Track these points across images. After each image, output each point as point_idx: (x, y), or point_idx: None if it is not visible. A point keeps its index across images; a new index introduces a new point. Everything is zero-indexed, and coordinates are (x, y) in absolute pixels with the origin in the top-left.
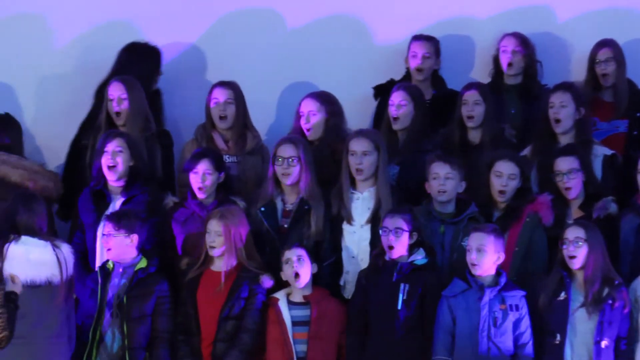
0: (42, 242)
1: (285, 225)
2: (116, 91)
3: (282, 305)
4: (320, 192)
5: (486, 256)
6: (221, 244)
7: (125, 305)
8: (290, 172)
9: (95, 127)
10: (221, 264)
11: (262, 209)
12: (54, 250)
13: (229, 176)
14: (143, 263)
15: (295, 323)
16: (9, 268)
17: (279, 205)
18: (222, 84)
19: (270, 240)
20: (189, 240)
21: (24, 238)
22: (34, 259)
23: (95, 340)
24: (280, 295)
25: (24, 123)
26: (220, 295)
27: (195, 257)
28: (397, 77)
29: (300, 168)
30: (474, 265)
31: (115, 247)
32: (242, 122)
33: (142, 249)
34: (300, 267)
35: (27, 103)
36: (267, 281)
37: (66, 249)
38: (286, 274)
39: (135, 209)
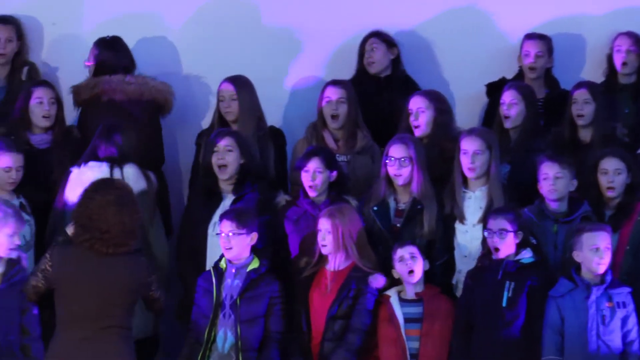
0: (98, 163)
1: (398, 225)
2: (226, 90)
3: (394, 302)
4: (433, 192)
5: (607, 255)
6: (331, 242)
7: (238, 306)
8: (403, 172)
9: (209, 126)
10: (330, 263)
11: (375, 208)
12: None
13: (342, 174)
14: (255, 263)
15: (407, 320)
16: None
17: (392, 204)
18: (335, 83)
19: (383, 239)
20: (306, 239)
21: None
22: (85, 180)
23: (210, 341)
24: (392, 292)
25: None
26: (330, 294)
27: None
28: (509, 76)
29: (412, 168)
30: (599, 265)
31: (237, 246)
32: (354, 121)
33: (253, 249)
34: (413, 265)
35: None
36: (376, 281)
37: (130, 170)
38: (399, 271)
39: (250, 207)
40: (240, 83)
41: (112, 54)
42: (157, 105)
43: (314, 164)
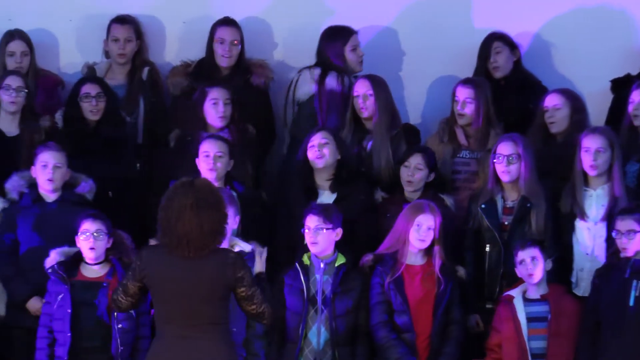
0: None
1: (506, 223)
2: (362, 88)
3: (518, 303)
4: (542, 189)
5: None
6: (430, 238)
7: (331, 301)
8: (510, 169)
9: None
10: (421, 259)
11: (483, 205)
12: None
13: (441, 176)
14: (342, 259)
15: (530, 319)
16: None
17: (499, 202)
18: (467, 82)
19: (490, 237)
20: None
21: None
22: None
23: (303, 337)
24: (516, 292)
25: None
26: (430, 290)
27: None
28: (634, 72)
29: (520, 165)
30: None
31: (323, 241)
32: (486, 118)
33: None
34: (534, 268)
35: None
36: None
37: None
38: (519, 273)
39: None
40: (377, 81)
41: None
42: None
43: (415, 160)
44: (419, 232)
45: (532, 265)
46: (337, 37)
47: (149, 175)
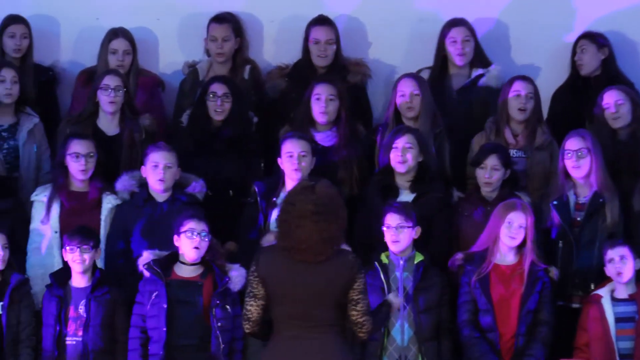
0: None
1: (578, 219)
2: (408, 87)
3: (606, 302)
4: (613, 184)
5: None
6: (521, 236)
7: (413, 298)
8: (581, 164)
9: (383, 123)
10: (512, 258)
11: (555, 202)
12: None
13: (515, 172)
14: (420, 256)
15: (618, 320)
16: None
17: (572, 198)
18: (524, 78)
19: (563, 233)
20: (466, 234)
21: None
22: None
23: (386, 335)
24: (604, 292)
25: None
26: (516, 290)
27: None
28: None
29: (590, 160)
30: None
31: (404, 239)
32: (536, 116)
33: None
34: (622, 267)
35: None
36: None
37: None
38: (608, 272)
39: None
40: (422, 80)
41: None
42: None
43: (491, 161)
44: (510, 229)
45: (621, 264)
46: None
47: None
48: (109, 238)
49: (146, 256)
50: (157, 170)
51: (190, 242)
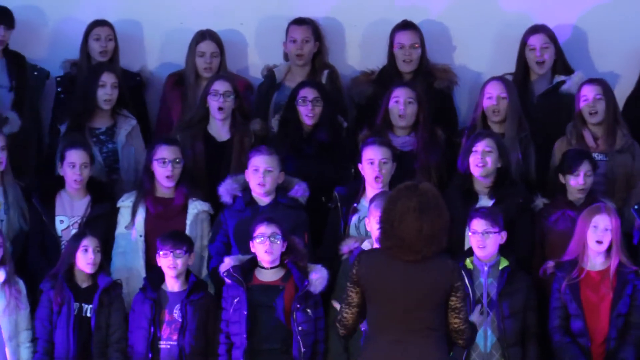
0: None
1: None
2: (495, 90)
3: None
4: None
5: None
6: (609, 240)
7: (497, 303)
8: None
9: (469, 126)
10: (602, 262)
11: (636, 207)
12: None
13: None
14: (505, 261)
15: None
16: None
17: None
18: (592, 81)
19: None
20: (552, 239)
21: None
22: None
23: None
24: None
25: None
26: (606, 294)
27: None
28: None
29: None
30: None
31: (491, 244)
32: (613, 118)
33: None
34: None
35: None
36: None
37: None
38: None
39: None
40: (510, 84)
41: None
42: None
43: (585, 167)
44: (596, 233)
45: None
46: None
47: None
48: (210, 241)
49: (227, 262)
50: (258, 174)
51: (261, 247)
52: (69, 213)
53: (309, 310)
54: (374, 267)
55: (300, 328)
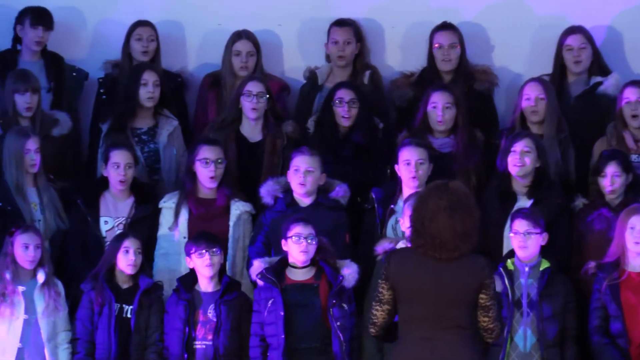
0: None
1: None
2: (534, 92)
3: None
4: None
5: None
6: None
7: (537, 304)
8: None
9: (507, 127)
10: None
11: None
12: None
13: (637, 177)
14: (546, 263)
15: None
16: None
17: None
18: (633, 84)
19: None
20: (592, 241)
21: None
22: None
23: (508, 341)
24: None
25: None
26: None
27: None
28: None
29: None
30: None
31: (532, 245)
32: None
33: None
34: None
35: None
36: None
37: None
38: None
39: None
40: (548, 85)
41: None
42: None
43: (611, 169)
44: (633, 234)
45: None
46: None
47: None
48: (250, 242)
49: (257, 265)
50: (298, 175)
51: (297, 247)
52: (113, 214)
53: (344, 305)
54: (404, 266)
55: (338, 324)
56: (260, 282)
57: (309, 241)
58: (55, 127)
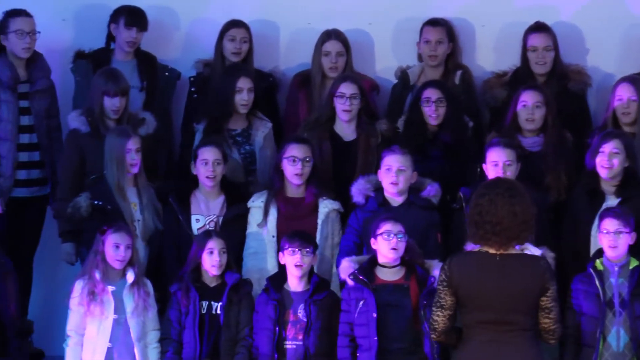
0: None
1: None
2: (626, 93)
3: None
4: None
5: None
6: None
7: (629, 304)
8: None
9: (602, 126)
10: None
11: None
12: None
13: None
14: (635, 262)
15: None
16: None
17: None
18: None
19: None
20: None
21: None
22: None
23: (601, 341)
24: None
25: None
26: None
27: None
28: None
29: None
30: None
31: (622, 244)
32: None
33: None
34: None
35: None
36: None
37: None
38: None
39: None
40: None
41: None
42: None
43: None
44: None
45: None
46: None
47: None
48: (341, 241)
49: (347, 265)
50: (390, 173)
51: (387, 244)
52: (204, 212)
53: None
54: (465, 270)
55: None
56: (350, 282)
57: (399, 238)
58: (141, 127)
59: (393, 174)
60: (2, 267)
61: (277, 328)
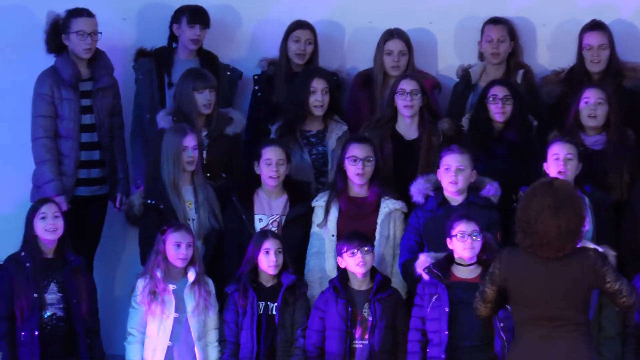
0: None
1: None
2: None
3: None
4: None
5: None
6: None
7: None
8: None
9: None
10: None
11: None
12: None
13: None
14: None
15: None
16: None
17: None
18: None
19: None
20: None
21: None
22: None
23: None
24: None
25: None
26: None
27: None
28: None
29: None
30: None
31: None
32: None
33: None
34: None
35: None
36: None
37: None
38: None
39: None
40: None
41: None
42: None
43: None
44: None
45: None
46: None
47: None
48: (401, 240)
49: (424, 259)
50: (449, 173)
51: (462, 244)
52: (267, 212)
53: (507, 306)
54: (515, 266)
55: (502, 324)
56: (425, 277)
57: (474, 237)
58: (229, 126)
59: (452, 173)
60: (72, 264)
61: (347, 327)
